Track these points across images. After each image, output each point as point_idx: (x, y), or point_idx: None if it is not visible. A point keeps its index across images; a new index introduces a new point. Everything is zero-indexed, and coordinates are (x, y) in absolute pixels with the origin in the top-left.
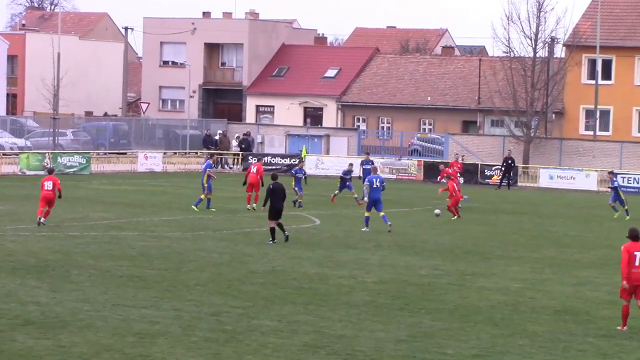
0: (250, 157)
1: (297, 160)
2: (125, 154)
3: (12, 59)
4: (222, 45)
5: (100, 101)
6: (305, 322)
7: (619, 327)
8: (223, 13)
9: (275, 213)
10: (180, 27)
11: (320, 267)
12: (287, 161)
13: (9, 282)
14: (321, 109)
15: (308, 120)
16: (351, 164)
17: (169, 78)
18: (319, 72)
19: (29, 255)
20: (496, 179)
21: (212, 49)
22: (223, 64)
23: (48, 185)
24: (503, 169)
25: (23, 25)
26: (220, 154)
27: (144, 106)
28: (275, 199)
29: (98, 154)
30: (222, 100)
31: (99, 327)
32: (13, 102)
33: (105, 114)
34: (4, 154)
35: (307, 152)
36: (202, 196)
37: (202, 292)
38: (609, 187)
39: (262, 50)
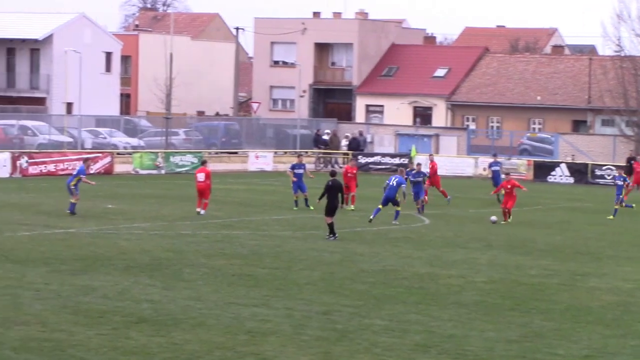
0: (359, 157)
1: (407, 161)
2: (236, 153)
3: (125, 59)
4: (332, 45)
5: (211, 101)
6: (415, 322)
7: None
8: (333, 13)
9: (331, 209)
10: (291, 27)
11: (430, 267)
12: (397, 160)
13: (123, 280)
14: (430, 108)
15: (417, 119)
16: (419, 164)
17: (280, 78)
18: (428, 72)
19: (142, 253)
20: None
21: (322, 49)
22: (333, 63)
23: (200, 177)
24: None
25: (136, 26)
26: (330, 154)
27: (254, 106)
28: (332, 196)
29: (210, 153)
30: (332, 100)
31: (211, 325)
32: (127, 102)
33: (217, 114)
34: (117, 154)
35: (416, 152)
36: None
37: (313, 290)
38: None
39: (371, 50)
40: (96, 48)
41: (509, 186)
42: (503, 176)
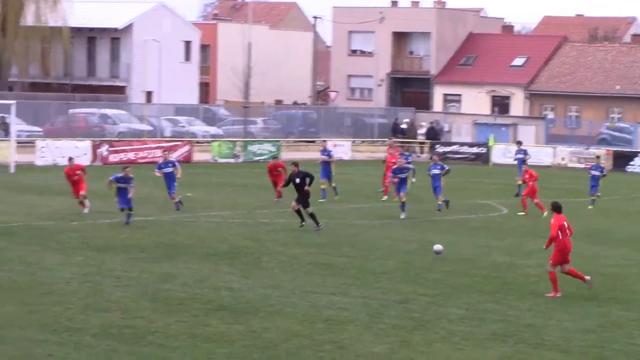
0: (437, 146)
1: (485, 150)
2: (314, 142)
3: (204, 48)
4: (410, 34)
5: (289, 90)
6: (492, 311)
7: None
8: (411, 2)
9: (301, 199)
10: (369, 16)
11: (508, 256)
12: (475, 150)
13: (203, 267)
14: (508, 97)
15: (495, 108)
16: (437, 154)
17: (357, 67)
18: (506, 61)
19: (221, 241)
20: None
21: (400, 38)
22: (411, 52)
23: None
24: None
25: (215, 15)
26: (407, 143)
27: (332, 95)
28: (299, 185)
29: (287, 141)
30: (409, 89)
31: (289, 313)
32: (205, 90)
33: (295, 103)
34: (197, 142)
35: (494, 141)
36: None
37: (389, 279)
38: None
39: (449, 39)
40: (175, 37)
41: (526, 176)
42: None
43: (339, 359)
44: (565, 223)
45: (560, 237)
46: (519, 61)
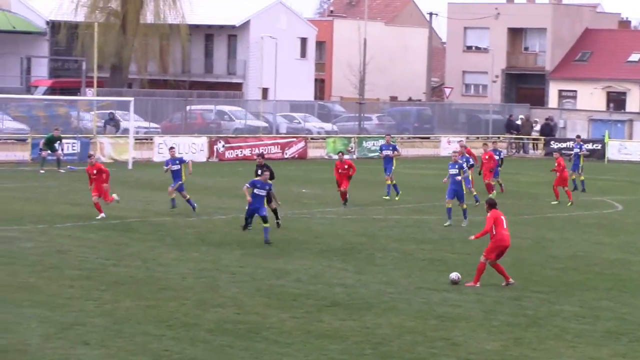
0: (552, 142)
1: (600, 146)
2: (428, 138)
3: (320, 45)
4: (525, 30)
5: (404, 86)
6: (607, 308)
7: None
8: None
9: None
10: (484, 12)
11: (622, 253)
12: (590, 146)
13: (317, 264)
14: (625, 93)
15: (611, 104)
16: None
17: (472, 63)
18: (622, 57)
19: (335, 237)
20: None
21: (515, 34)
22: (526, 48)
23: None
24: None
25: (331, 11)
26: (522, 139)
27: (447, 91)
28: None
29: (402, 138)
30: (524, 85)
31: (402, 310)
32: (321, 87)
33: (410, 99)
34: (311, 138)
35: (609, 137)
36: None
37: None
38: None
39: (565, 35)
40: (291, 34)
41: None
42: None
43: (452, 355)
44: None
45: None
46: (635, 57)
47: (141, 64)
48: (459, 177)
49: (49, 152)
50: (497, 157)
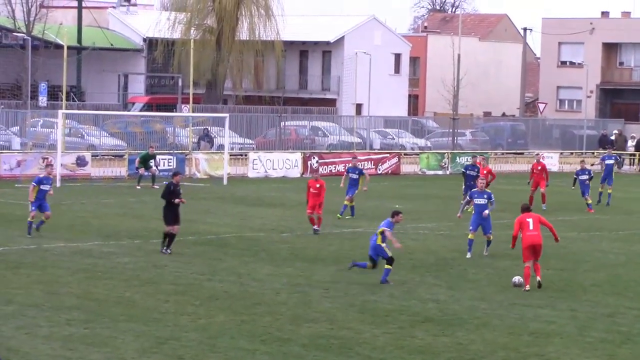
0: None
1: None
2: (522, 154)
3: (414, 60)
4: (620, 45)
5: (498, 101)
6: None
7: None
8: (622, 12)
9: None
10: (579, 27)
11: None
12: None
13: (409, 279)
14: None
15: None
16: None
17: (567, 78)
18: None
19: (428, 253)
20: None
21: (610, 49)
22: (621, 63)
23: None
24: None
25: (425, 27)
26: (620, 154)
27: (541, 106)
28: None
29: (496, 153)
30: (619, 100)
31: (495, 326)
32: (414, 103)
33: (503, 114)
34: (405, 154)
35: None
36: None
37: (597, 292)
38: None
39: None
40: (385, 50)
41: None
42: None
43: None
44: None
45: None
46: None
47: (236, 80)
48: (486, 211)
49: (145, 169)
50: (587, 176)
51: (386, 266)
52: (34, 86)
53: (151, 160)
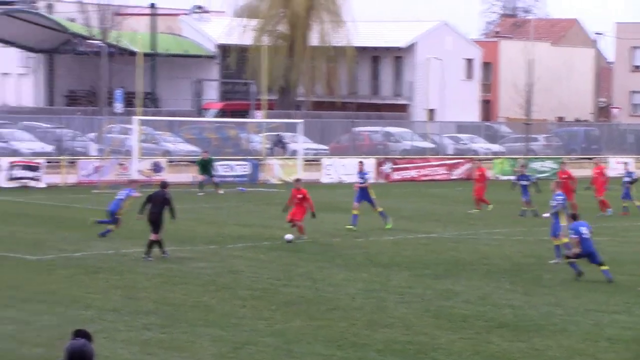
0: None
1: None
2: (592, 159)
3: (486, 65)
4: None
5: (571, 106)
6: None
7: None
8: None
9: (152, 224)
10: None
11: None
12: None
13: (484, 285)
14: None
15: None
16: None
17: None
18: None
19: (503, 258)
20: None
21: None
22: None
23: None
24: None
25: (497, 32)
26: None
27: (614, 111)
28: (153, 209)
29: (570, 159)
30: None
31: (571, 332)
32: (487, 108)
33: (577, 119)
34: (478, 159)
35: None
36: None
37: None
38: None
39: None
40: (457, 55)
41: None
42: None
43: None
44: None
45: None
46: None
47: (309, 86)
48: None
49: (207, 175)
50: (628, 179)
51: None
52: (110, 93)
53: (210, 165)
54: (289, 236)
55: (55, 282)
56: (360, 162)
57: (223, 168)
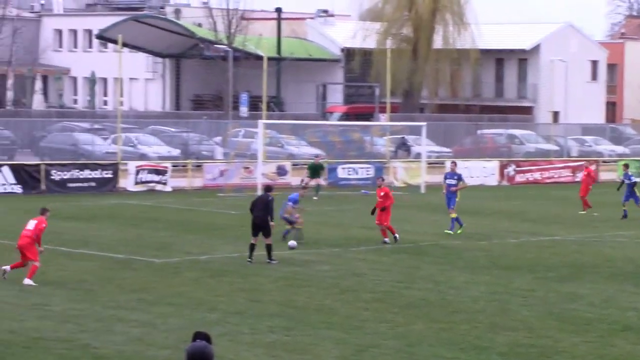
0: None
1: None
2: None
3: (611, 67)
4: None
5: None
6: None
7: None
8: None
9: (253, 227)
10: None
11: None
12: None
13: (608, 287)
14: None
15: None
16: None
17: None
18: None
19: (627, 261)
20: None
21: None
22: None
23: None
24: None
25: (622, 34)
26: None
27: None
28: (255, 212)
29: None
30: None
31: None
32: (612, 110)
33: None
34: (603, 161)
35: None
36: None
37: None
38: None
39: None
40: (582, 57)
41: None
42: None
43: None
44: None
45: None
46: None
47: (432, 89)
48: None
49: (317, 178)
50: (627, 181)
51: None
52: (235, 97)
53: (321, 170)
54: (292, 243)
55: (182, 285)
56: (453, 162)
57: (347, 171)
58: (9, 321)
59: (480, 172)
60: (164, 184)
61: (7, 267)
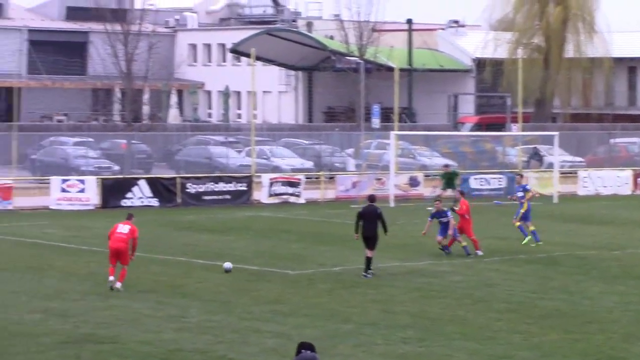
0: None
1: None
2: None
3: None
4: None
5: None
6: None
7: None
8: None
9: (365, 240)
10: None
11: None
12: None
13: None
14: None
15: None
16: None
17: None
18: None
19: None
20: None
21: None
22: None
23: None
24: None
25: None
26: None
27: None
28: (365, 224)
29: None
30: None
31: None
32: None
33: None
34: None
35: None
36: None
37: None
38: None
39: None
40: None
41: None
42: None
43: None
44: None
45: None
46: None
47: (564, 98)
48: None
49: (450, 189)
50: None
51: None
52: (367, 108)
53: (455, 179)
54: (227, 265)
55: (315, 296)
56: (519, 175)
57: (479, 181)
58: (147, 333)
59: (613, 181)
60: (298, 196)
61: (118, 284)
